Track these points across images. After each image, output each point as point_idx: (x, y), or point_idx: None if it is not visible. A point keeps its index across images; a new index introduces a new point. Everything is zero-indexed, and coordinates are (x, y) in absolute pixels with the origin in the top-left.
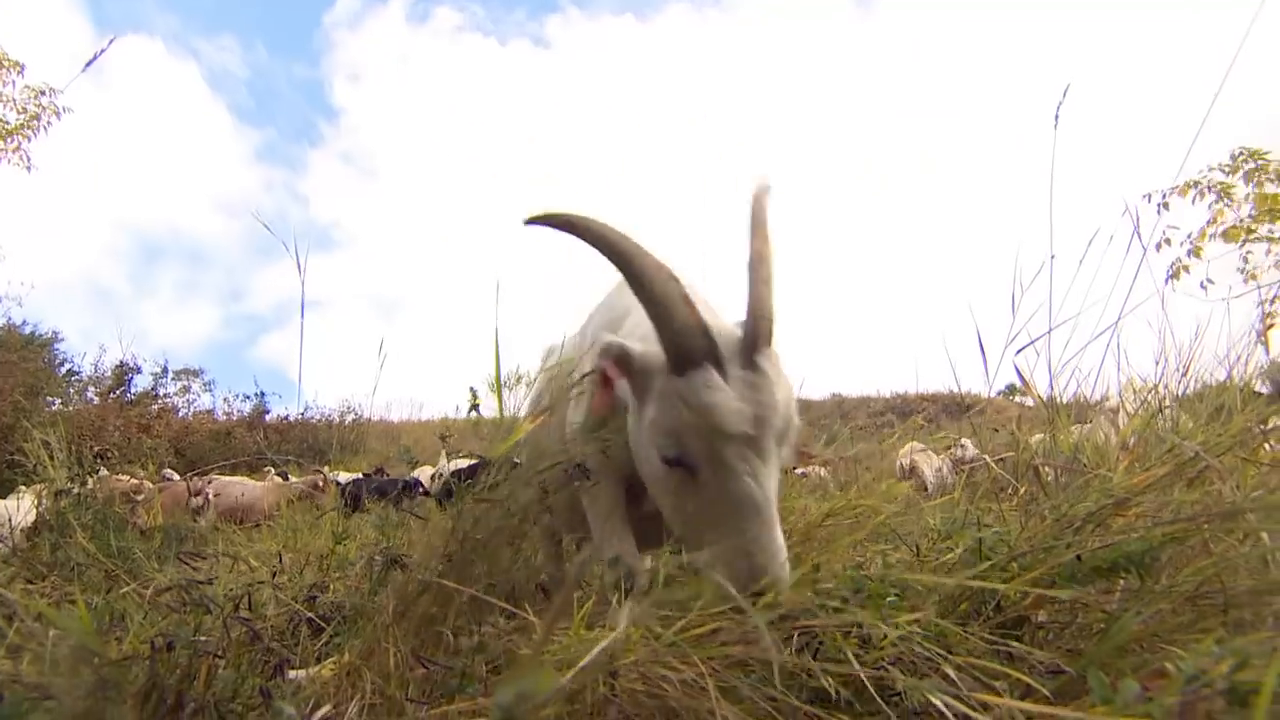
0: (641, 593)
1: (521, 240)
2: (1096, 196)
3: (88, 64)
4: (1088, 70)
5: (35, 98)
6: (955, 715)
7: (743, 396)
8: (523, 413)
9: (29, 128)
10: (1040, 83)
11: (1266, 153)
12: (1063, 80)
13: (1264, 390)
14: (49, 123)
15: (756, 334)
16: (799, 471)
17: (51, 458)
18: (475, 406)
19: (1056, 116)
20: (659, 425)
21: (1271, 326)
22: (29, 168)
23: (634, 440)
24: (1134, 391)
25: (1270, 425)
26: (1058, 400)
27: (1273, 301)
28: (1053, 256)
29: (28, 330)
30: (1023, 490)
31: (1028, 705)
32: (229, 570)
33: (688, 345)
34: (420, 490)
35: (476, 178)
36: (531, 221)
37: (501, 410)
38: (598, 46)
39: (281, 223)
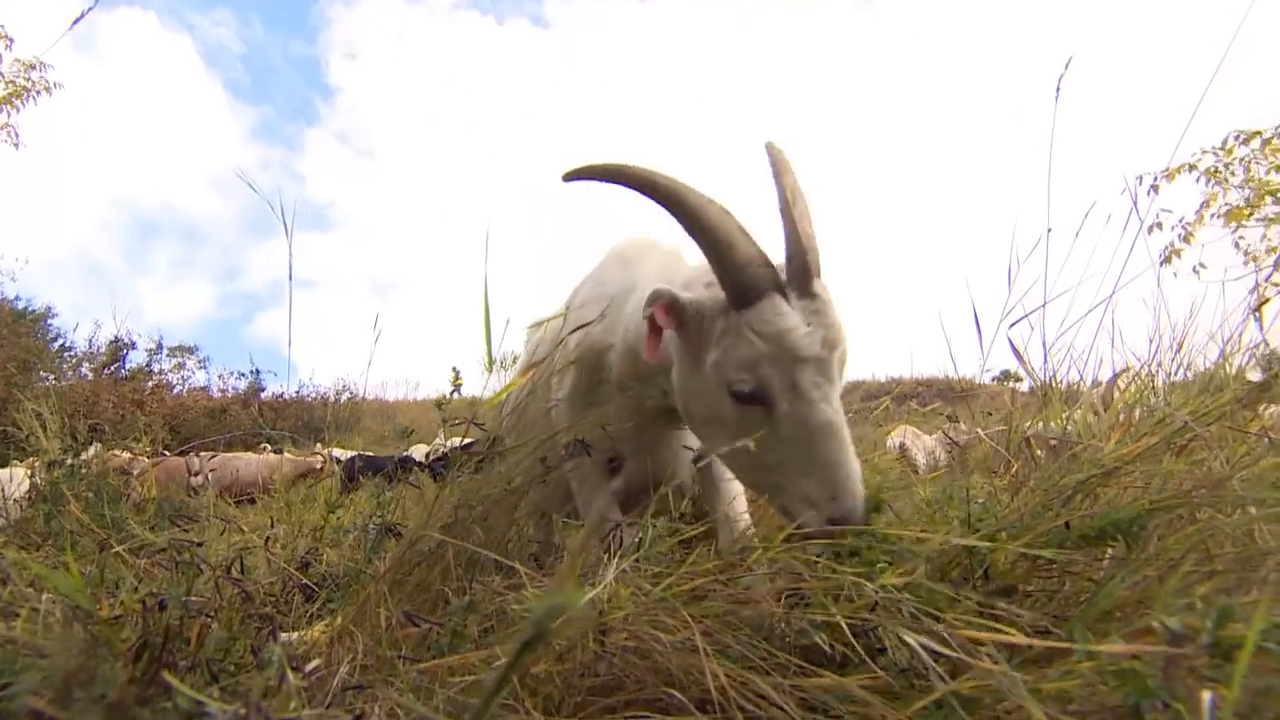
0: (631, 549)
1: (516, 222)
2: (1094, 174)
3: (74, 23)
4: (1089, 46)
5: (25, 71)
6: (941, 665)
7: (809, 321)
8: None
9: (17, 97)
10: (1040, 60)
11: (1268, 132)
12: (1063, 56)
13: (1260, 376)
14: (38, 93)
15: (806, 265)
16: None
17: (44, 429)
18: (458, 387)
19: (1058, 89)
20: (729, 362)
21: (1265, 303)
22: (17, 144)
23: (686, 390)
24: (1130, 375)
25: (1262, 408)
26: (1051, 379)
27: (1267, 280)
28: (1050, 230)
29: (20, 305)
30: (1015, 468)
31: (1016, 639)
32: (220, 534)
33: (753, 276)
34: (417, 463)
35: (473, 156)
36: (571, 177)
37: (490, 364)
38: (597, 25)
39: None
